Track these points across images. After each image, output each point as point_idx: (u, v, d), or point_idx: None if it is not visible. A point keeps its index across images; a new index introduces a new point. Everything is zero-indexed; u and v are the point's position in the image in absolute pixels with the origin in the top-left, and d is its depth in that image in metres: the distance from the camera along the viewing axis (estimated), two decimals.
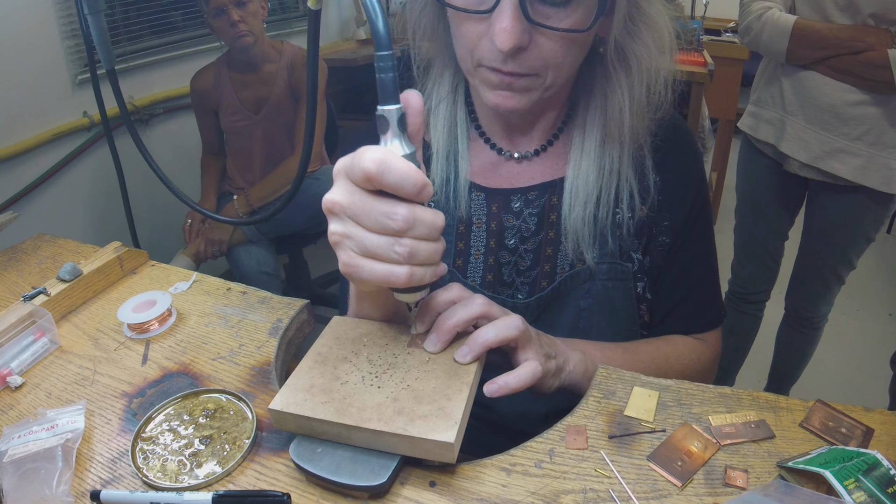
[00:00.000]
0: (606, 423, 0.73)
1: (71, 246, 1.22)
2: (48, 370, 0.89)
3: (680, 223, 0.94)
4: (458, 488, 0.66)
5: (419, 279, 0.60)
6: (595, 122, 0.88)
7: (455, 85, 0.94)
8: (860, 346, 2.84)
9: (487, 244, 0.95)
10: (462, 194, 0.93)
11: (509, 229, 0.94)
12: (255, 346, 0.90)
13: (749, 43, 1.83)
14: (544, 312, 0.94)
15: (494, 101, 0.80)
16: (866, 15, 1.57)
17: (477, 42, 0.76)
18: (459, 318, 0.73)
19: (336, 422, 0.65)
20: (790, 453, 0.68)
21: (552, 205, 0.93)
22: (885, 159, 1.67)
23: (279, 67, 2.41)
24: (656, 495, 0.64)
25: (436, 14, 0.86)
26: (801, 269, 2.05)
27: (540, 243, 0.93)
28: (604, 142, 0.88)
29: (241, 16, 2.21)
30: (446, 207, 0.94)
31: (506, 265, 0.94)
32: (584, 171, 0.88)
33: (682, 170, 0.94)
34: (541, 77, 0.78)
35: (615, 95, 0.84)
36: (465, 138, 0.94)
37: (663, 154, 0.92)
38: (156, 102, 2.80)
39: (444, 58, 0.93)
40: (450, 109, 0.94)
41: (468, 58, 0.79)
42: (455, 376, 0.70)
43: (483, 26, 0.75)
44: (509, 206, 0.94)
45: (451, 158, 0.94)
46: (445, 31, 0.86)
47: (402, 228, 0.57)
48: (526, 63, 0.75)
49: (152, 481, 0.68)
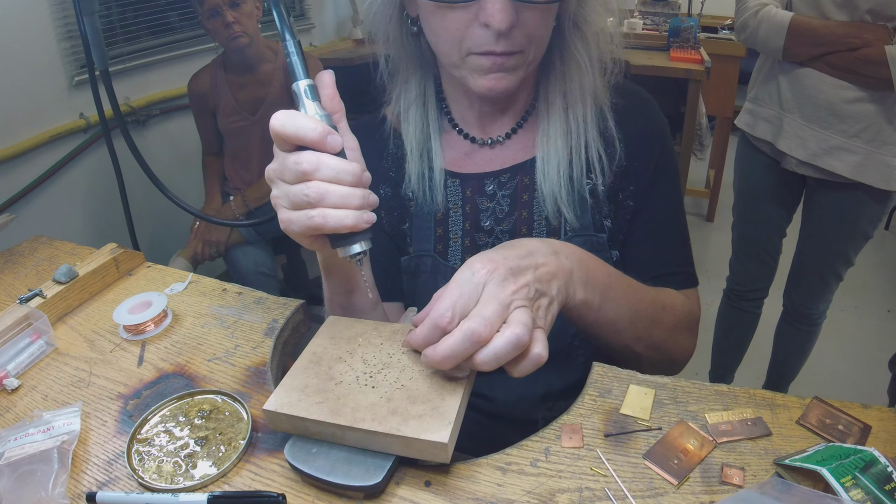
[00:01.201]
0: (602, 421, 0.73)
1: (67, 248, 1.22)
2: (44, 372, 0.89)
3: (644, 186, 0.97)
4: (454, 488, 0.66)
5: (336, 222, 0.63)
6: (556, 90, 0.93)
7: (423, 88, 0.99)
8: (858, 343, 2.84)
9: (464, 227, 0.99)
10: (438, 185, 0.98)
11: (484, 212, 0.98)
12: (251, 347, 0.90)
13: (745, 40, 1.83)
14: None
15: (486, 85, 0.84)
16: (863, 11, 1.57)
17: (465, 32, 0.80)
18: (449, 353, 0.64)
19: (330, 422, 0.65)
20: (787, 451, 0.68)
21: (524, 185, 0.97)
22: (882, 156, 1.66)
23: (275, 67, 2.40)
24: (652, 494, 0.64)
25: (400, 23, 0.91)
26: (799, 266, 2.05)
27: (515, 223, 0.97)
28: (566, 106, 0.93)
29: (235, 17, 2.20)
30: (424, 199, 0.99)
31: (483, 247, 0.97)
32: (552, 136, 0.93)
33: (644, 134, 0.97)
34: (525, 53, 0.83)
35: (573, 60, 0.90)
36: (437, 134, 0.99)
37: (624, 120, 0.95)
38: (153, 103, 2.80)
39: (408, 64, 0.97)
40: (420, 111, 0.99)
41: (454, 51, 0.83)
42: (449, 376, 0.70)
43: (468, 15, 0.79)
44: (483, 189, 0.99)
45: (424, 155, 0.99)
46: (409, 38, 0.92)
47: (307, 170, 0.63)
48: (515, 41, 0.80)
49: (148, 483, 0.68)
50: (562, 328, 0.94)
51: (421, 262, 0.99)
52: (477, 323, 0.61)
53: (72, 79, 2.42)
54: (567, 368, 0.98)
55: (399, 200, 1.02)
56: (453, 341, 0.61)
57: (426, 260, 0.98)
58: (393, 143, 1.03)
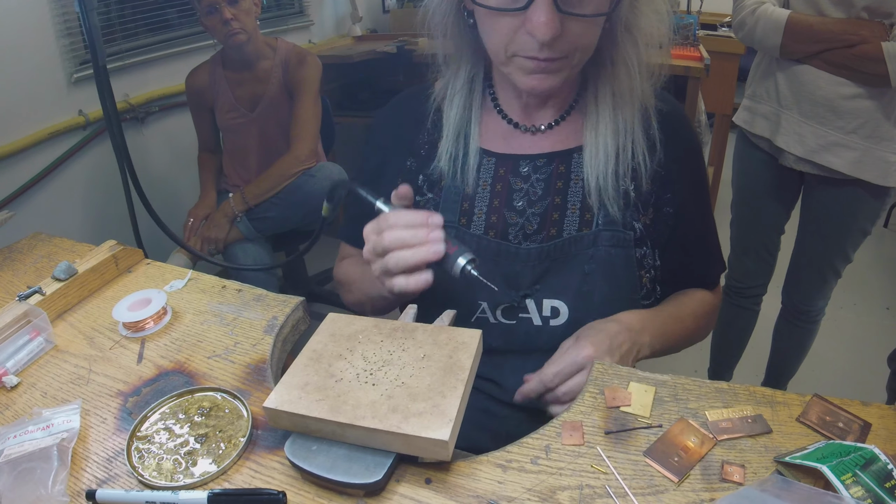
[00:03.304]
0: (603, 418, 0.73)
1: (66, 245, 1.22)
2: (44, 369, 0.89)
3: (681, 193, 1.02)
4: (454, 485, 0.66)
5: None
6: (606, 90, 0.96)
7: (472, 76, 1.03)
8: (858, 340, 2.84)
9: (491, 203, 1.01)
10: (471, 167, 1.01)
11: (517, 192, 1.01)
12: (251, 344, 0.90)
13: (743, 38, 1.82)
14: (548, 274, 0.98)
15: (530, 83, 0.88)
16: (860, 8, 1.57)
17: (512, 36, 0.84)
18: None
19: (330, 420, 0.65)
20: (787, 448, 0.68)
21: (559, 173, 1.00)
22: (880, 152, 1.66)
23: (274, 64, 2.40)
24: (653, 491, 0.64)
25: (457, 17, 0.94)
26: (797, 262, 2.05)
27: (546, 208, 0.99)
28: (615, 105, 0.96)
29: (233, 14, 2.19)
30: (453, 181, 1.02)
31: (512, 226, 1.00)
32: (602, 133, 0.96)
33: (681, 147, 1.02)
34: (569, 58, 0.86)
35: (622, 62, 0.92)
36: (478, 116, 1.03)
37: (664, 126, 0.99)
38: (152, 100, 2.79)
39: (462, 53, 1.00)
40: (465, 97, 1.02)
41: (501, 51, 0.87)
42: (450, 373, 0.70)
43: (517, 21, 0.83)
44: (518, 170, 1.01)
45: (461, 137, 1.02)
46: (466, 31, 0.95)
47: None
48: (559, 48, 0.83)
49: (148, 480, 0.68)
50: (581, 317, 0.97)
51: (445, 233, 1.00)
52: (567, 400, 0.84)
53: (71, 75, 2.41)
54: None
55: (426, 176, 1.05)
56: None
57: (450, 230, 0.99)
58: (431, 121, 1.06)
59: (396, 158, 1.08)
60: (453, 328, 0.79)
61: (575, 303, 0.97)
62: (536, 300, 0.98)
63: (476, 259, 0.82)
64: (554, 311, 0.97)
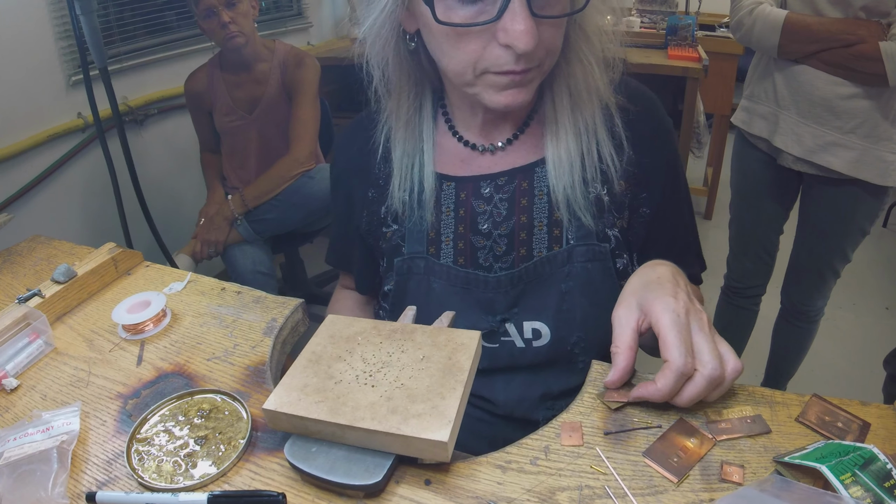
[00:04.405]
0: (602, 419, 0.73)
1: (65, 247, 1.22)
2: (43, 372, 0.89)
3: (658, 190, 0.97)
4: (454, 486, 0.66)
5: None
6: (562, 92, 0.91)
7: (418, 104, 0.98)
8: (857, 340, 2.84)
9: (456, 230, 0.97)
10: (428, 198, 0.97)
11: (481, 214, 0.97)
12: (250, 346, 0.90)
13: (741, 38, 1.83)
14: (525, 297, 0.95)
15: (504, 101, 0.82)
16: (857, 8, 1.57)
17: (481, 53, 0.78)
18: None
19: (330, 421, 0.65)
20: (786, 448, 0.68)
21: (522, 189, 0.95)
22: (878, 152, 1.67)
23: (272, 67, 2.40)
24: (652, 491, 0.64)
25: (397, 43, 0.89)
26: (796, 262, 2.05)
27: (513, 228, 0.95)
28: (573, 107, 0.91)
29: (231, 16, 2.20)
30: (413, 215, 0.98)
31: (481, 249, 0.96)
32: (563, 139, 0.91)
33: (652, 134, 0.97)
34: (542, 66, 0.81)
35: (576, 59, 0.88)
36: (430, 142, 0.98)
37: (631, 120, 0.94)
38: (150, 103, 2.79)
39: (401, 82, 0.95)
40: (413, 129, 0.98)
41: (468, 70, 0.80)
42: (449, 374, 0.70)
43: (485, 36, 0.76)
44: (479, 192, 0.97)
45: (413, 171, 0.98)
46: (407, 57, 0.91)
47: None
48: (534, 56, 0.78)
49: (147, 482, 0.68)
50: (564, 335, 0.95)
51: (413, 264, 0.98)
52: (712, 369, 0.68)
53: (69, 78, 2.42)
54: (567, 372, 0.98)
55: (387, 207, 1.01)
56: (699, 389, 0.69)
57: (419, 262, 0.98)
58: (383, 151, 1.01)
59: (359, 189, 1.05)
60: (452, 329, 0.79)
61: (556, 323, 0.94)
62: (516, 323, 0.95)
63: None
64: (535, 333, 0.95)
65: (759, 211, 2.04)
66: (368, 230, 1.05)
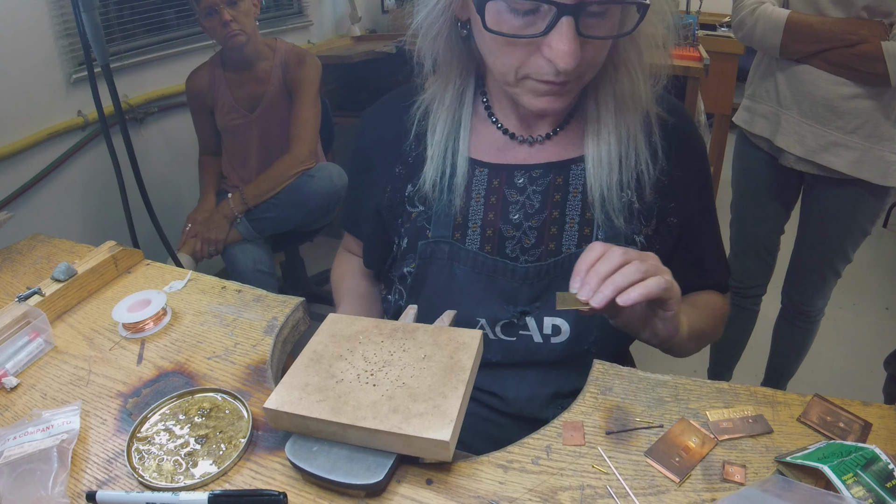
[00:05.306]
0: (603, 419, 0.73)
1: (65, 246, 1.22)
2: (43, 371, 0.88)
3: (687, 202, 0.99)
4: (455, 486, 0.66)
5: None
6: (608, 96, 0.93)
7: (462, 89, 0.99)
8: (857, 340, 2.84)
9: (485, 217, 0.97)
10: (458, 184, 0.97)
11: (513, 204, 0.97)
12: (251, 345, 0.90)
13: (742, 38, 1.82)
14: (548, 291, 0.95)
15: (540, 105, 0.85)
16: (859, 8, 1.57)
17: (525, 60, 0.81)
18: (605, 270, 0.76)
19: (331, 420, 0.65)
20: (788, 448, 0.68)
21: (556, 185, 0.96)
22: (880, 152, 1.66)
23: (273, 65, 2.40)
24: (654, 491, 0.64)
25: (451, 28, 0.89)
26: (797, 262, 2.05)
27: (544, 221, 0.96)
28: (617, 111, 0.93)
29: (232, 15, 2.19)
30: (441, 198, 0.98)
31: (509, 239, 0.97)
32: (605, 140, 0.93)
33: (687, 148, 0.99)
34: (582, 77, 0.84)
35: (623, 66, 0.89)
36: (467, 126, 0.99)
37: (667, 134, 0.96)
38: (150, 101, 2.79)
39: (450, 66, 0.96)
40: (454, 113, 0.99)
41: (511, 73, 0.83)
42: (451, 374, 0.70)
43: (531, 46, 0.79)
44: (513, 181, 0.97)
45: (447, 154, 0.98)
46: (458, 42, 0.92)
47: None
48: (575, 71, 0.79)
49: (148, 481, 0.68)
50: (583, 334, 0.95)
51: (437, 248, 0.98)
52: (624, 250, 0.77)
53: (69, 76, 2.41)
54: (579, 372, 0.97)
55: (414, 186, 1.01)
56: (617, 256, 0.77)
57: (443, 246, 0.97)
58: (418, 129, 1.02)
59: (384, 164, 1.05)
60: (454, 328, 0.79)
61: (576, 320, 0.95)
62: (537, 318, 0.95)
63: None
64: (555, 329, 0.95)
65: (760, 211, 2.03)
66: (389, 206, 1.04)
